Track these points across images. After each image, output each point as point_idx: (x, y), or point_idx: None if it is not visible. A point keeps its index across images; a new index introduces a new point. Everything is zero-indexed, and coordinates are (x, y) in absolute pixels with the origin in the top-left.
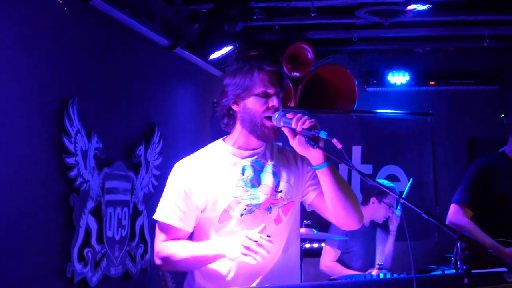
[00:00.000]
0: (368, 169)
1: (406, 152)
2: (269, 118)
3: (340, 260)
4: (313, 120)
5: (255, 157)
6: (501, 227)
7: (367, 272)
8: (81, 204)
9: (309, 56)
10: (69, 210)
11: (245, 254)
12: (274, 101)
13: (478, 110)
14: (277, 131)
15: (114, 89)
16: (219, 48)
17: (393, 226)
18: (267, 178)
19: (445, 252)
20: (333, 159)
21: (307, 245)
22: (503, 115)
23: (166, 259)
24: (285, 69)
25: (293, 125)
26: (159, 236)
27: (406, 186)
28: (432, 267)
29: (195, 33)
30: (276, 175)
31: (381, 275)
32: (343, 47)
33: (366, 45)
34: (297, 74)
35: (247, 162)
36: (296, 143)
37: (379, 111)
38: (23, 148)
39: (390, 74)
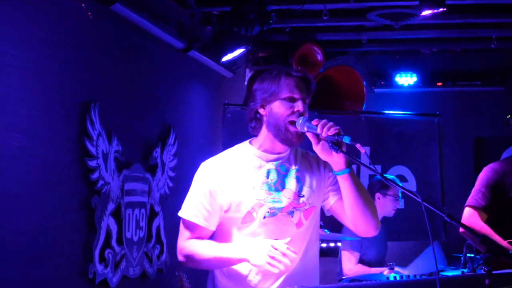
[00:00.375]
0: (376, 169)
1: (414, 152)
2: (293, 123)
3: (360, 261)
4: (338, 127)
5: (280, 161)
6: None
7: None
8: (102, 206)
9: (319, 57)
10: (91, 212)
11: (269, 264)
12: (299, 106)
13: (485, 110)
14: (301, 136)
15: (133, 92)
16: (232, 50)
17: None
18: (291, 182)
19: (452, 252)
20: (355, 162)
21: (323, 245)
22: (509, 116)
23: (189, 257)
24: None
25: (318, 131)
26: (183, 233)
27: (414, 186)
28: (440, 267)
29: (208, 35)
30: (299, 180)
31: (392, 277)
32: (351, 48)
33: (374, 46)
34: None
35: (271, 165)
36: (319, 149)
37: (386, 112)
38: (46, 151)
39: (397, 75)
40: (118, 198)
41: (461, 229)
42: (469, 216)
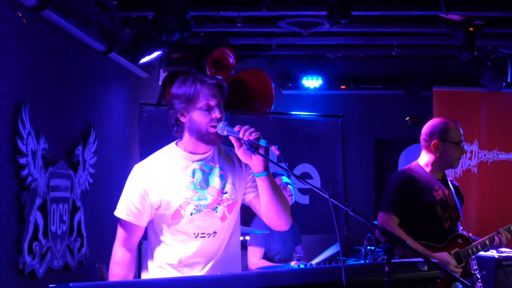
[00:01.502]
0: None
1: (319, 151)
2: (214, 127)
3: (265, 257)
4: (258, 133)
5: (204, 161)
6: (426, 232)
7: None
8: (31, 201)
9: (231, 60)
10: (21, 207)
11: None
12: (216, 113)
13: (385, 113)
14: (222, 136)
15: (59, 93)
16: (150, 53)
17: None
18: (215, 180)
19: (354, 245)
20: (271, 161)
21: None
22: (407, 118)
23: (111, 273)
24: (208, 73)
25: (240, 135)
26: (119, 231)
27: (318, 183)
28: (342, 259)
29: (128, 38)
30: (222, 177)
31: (301, 266)
32: (261, 52)
33: (283, 50)
34: (219, 77)
35: (197, 165)
36: (241, 152)
37: (293, 113)
38: None
39: (304, 78)
40: (44, 193)
41: (376, 233)
42: (385, 220)
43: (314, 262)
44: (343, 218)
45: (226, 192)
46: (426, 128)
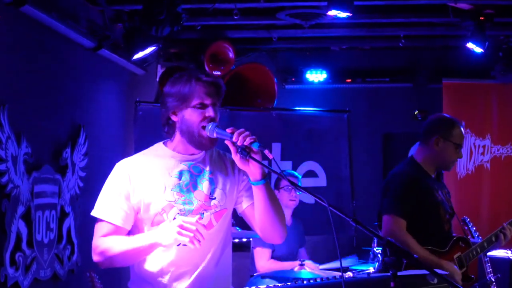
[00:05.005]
0: (287, 165)
1: (324, 148)
2: (204, 128)
3: (273, 256)
4: (254, 136)
5: (194, 162)
6: (429, 236)
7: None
8: (12, 209)
9: (230, 55)
10: (1, 216)
11: (180, 234)
12: (210, 112)
13: (393, 107)
14: (214, 140)
15: (42, 93)
16: (143, 49)
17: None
18: (203, 184)
19: (361, 245)
20: (266, 167)
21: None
22: (416, 112)
23: (103, 254)
24: (206, 68)
25: (234, 139)
26: (97, 232)
27: (324, 181)
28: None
29: (119, 33)
30: (212, 181)
31: (301, 274)
32: (262, 45)
33: (284, 43)
34: (218, 72)
35: (185, 166)
36: (238, 158)
37: (297, 108)
38: None
39: (308, 71)
40: (28, 201)
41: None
42: (390, 225)
43: (322, 267)
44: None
45: (215, 198)
46: (429, 122)
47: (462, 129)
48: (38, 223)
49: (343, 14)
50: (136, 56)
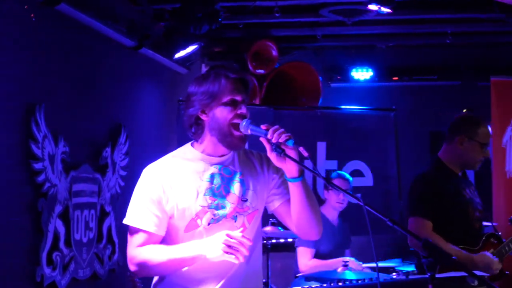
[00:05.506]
0: (333, 164)
1: (370, 147)
2: (236, 126)
3: (317, 254)
4: (289, 134)
5: (223, 164)
6: (459, 235)
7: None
8: (49, 208)
9: (274, 53)
10: (37, 215)
11: (227, 252)
12: (242, 109)
13: (440, 105)
14: (245, 139)
15: (80, 92)
16: (184, 47)
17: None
18: (235, 186)
19: (408, 246)
20: (302, 166)
21: (281, 240)
22: (465, 110)
23: (141, 265)
24: (249, 67)
25: (268, 136)
26: (132, 241)
27: (370, 181)
28: (396, 260)
29: (160, 32)
30: (243, 183)
31: (344, 274)
32: (306, 43)
33: (329, 41)
34: (261, 71)
35: (215, 169)
36: (274, 155)
37: (343, 107)
38: None
39: (353, 70)
40: (65, 200)
41: (408, 240)
42: (416, 227)
43: (365, 265)
44: (397, 217)
45: (247, 200)
46: (454, 121)
47: (488, 128)
48: (77, 222)
49: (384, 9)
50: (177, 55)
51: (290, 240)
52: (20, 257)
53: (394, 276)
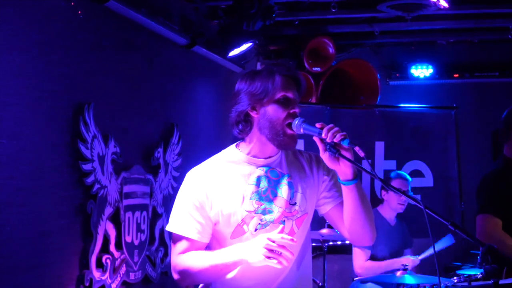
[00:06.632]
0: (391, 164)
1: (430, 146)
2: (289, 125)
3: (373, 257)
4: (344, 133)
5: (270, 166)
6: None
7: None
8: (98, 210)
9: (330, 50)
10: (86, 217)
11: (268, 257)
12: (295, 108)
13: (503, 102)
14: (296, 138)
15: (131, 91)
16: (238, 45)
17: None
18: (283, 189)
19: (470, 249)
20: (358, 166)
21: (339, 243)
22: None
23: (183, 273)
24: (305, 65)
25: (323, 135)
26: (175, 249)
27: (431, 181)
28: (457, 264)
29: (214, 30)
30: (291, 186)
31: (412, 279)
32: (364, 40)
33: (388, 38)
34: (318, 69)
35: (261, 172)
36: (327, 156)
37: (402, 105)
38: (38, 156)
39: (413, 67)
40: (116, 201)
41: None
42: (484, 225)
43: (421, 257)
44: (458, 219)
45: (295, 203)
46: (506, 115)
47: None
48: (128, 224)
49: (443, 3)
50: (231, 53)
51: (347, 242)
52: (68, 261)
53: (455, 281)
